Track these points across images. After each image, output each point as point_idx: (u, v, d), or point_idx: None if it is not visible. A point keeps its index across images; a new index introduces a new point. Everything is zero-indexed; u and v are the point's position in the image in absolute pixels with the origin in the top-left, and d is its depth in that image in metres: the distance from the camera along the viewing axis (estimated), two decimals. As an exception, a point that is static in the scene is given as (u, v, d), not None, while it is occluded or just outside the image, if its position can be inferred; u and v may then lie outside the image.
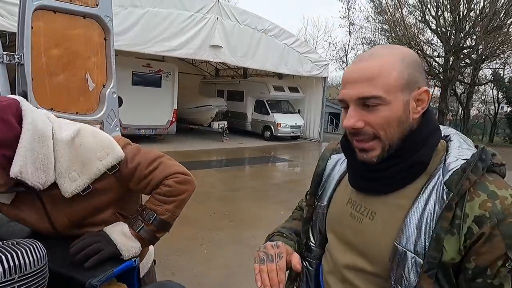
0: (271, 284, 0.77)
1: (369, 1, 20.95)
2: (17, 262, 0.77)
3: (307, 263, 0.92)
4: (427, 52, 19.97)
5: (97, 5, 2.76)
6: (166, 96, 11.54)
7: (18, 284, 0.77)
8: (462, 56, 18.71)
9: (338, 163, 0.90)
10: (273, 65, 12.61)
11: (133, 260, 1.06)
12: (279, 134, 13.90)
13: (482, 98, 27.38)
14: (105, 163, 1.03)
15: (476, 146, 0.71)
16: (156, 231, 1.11)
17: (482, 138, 25.65)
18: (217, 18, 10.62)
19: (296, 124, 14.21)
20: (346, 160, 0.85)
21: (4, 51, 2.33)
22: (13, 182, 0.95)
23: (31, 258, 0.80)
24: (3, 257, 0.75)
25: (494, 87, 24.63)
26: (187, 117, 14.19)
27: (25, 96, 2.38)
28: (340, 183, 0.87)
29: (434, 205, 0.65)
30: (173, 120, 11.85)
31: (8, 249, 0.79)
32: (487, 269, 0.62)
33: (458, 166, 0.66)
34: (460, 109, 25.61)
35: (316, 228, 0.91)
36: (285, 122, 14.07)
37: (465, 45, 18.57)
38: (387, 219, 0.72)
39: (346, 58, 27.13)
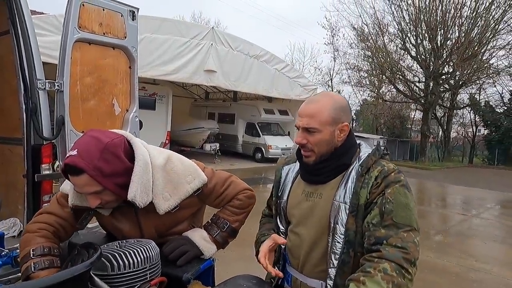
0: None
1: (352, 29, 22.02)
2: (148, 254, 0.97)
3: (283, 247, 1.28)
4: (409, 78, 20.97)
5: (125, 37, 3.02)
6: (160, 119, 11.71)
7: (149, 271, 0.97)
8: (441, 81, 19.73)
9: (289, 171, 1.32)
10: (265, 89, 13.03)
11: (211, 259, 1.26)
12: (270, 156, 14.16)
13: (461, 121, 28.61)
14: (193, 186, 1.24)
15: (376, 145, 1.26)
16: (228, 237, 1.33)
17: (462, 159, 26.63)
18: (212, 44, 11.04)
19: (286, 146, 14.54)
20: (295, 168, 1.29)
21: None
22: (120, 201, 1.15)
23: (154, 252, 1.00)
24: (139, 250, 0.96)
25: (472, 111, 25.88)
26: (179, 139, 14.33)
27: (62, 120, 2.57)
28: (294, 183, 1.27)
29: (354, 176, 1.12)
30: (167, 142, 11.99)
31: (138, 245, 1.00)
32: (374, 200, 1.07)
33: (366, 154, 1.16)
34: (441, 131, 26.67)
35: (283, 218, 1.28)
36: (275, 144, 14.39)
37: (443, 72, 19.64)
38: (329, 194, 1.14)
39: (332, 82, 28.11)
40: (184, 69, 10.45)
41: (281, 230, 1.29)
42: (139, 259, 0.94)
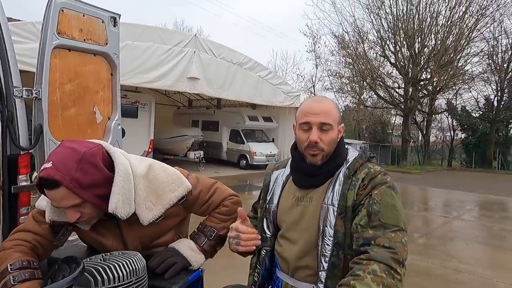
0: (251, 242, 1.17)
1: (333, 37, 22.42)
2: (134, 267, 0.92)
3: (263, 252, 1.26)
4: (389, 84, 21.45)
5: (107, 43, 2.95)
6: (142, 127, 11.54)
7: (135, 285, 0.92)
8: (419, 87, 20.26)
9: (279, 176, 1.31)
10: (249, 96, 13.05)
11: (200, 270, 1.22)
12: (255, 163, 14.14)
13: (439, 125, 29.43)
14: (177, 194, 1.19)
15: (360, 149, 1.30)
16: (216, 245, 1.29)
17: (441, 163, 27.31)
18: (194, 51, 10.98)
19: (271, 152, 14.56)
20: (285, 173, 1.29)
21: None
22: (102, 214, 1.09)
23: (140, 264, 0.96)
24: (124, 262, 0.91)
25: (449, 116, 26.68)
26: (163, 147, 14.14)
27: (41, 128, 2.47)
28: (284, 188, 1.27)
29: (341, 179, 1.14)
30: (150, 150, 11.80)
31: (123, 257, 0.95)
32: (361, 201, 1.09)
33: (353, 157, 1.19)
34: (420, 136, 27.34)
35: (271, 223, 1.27)
36: (260, 150, 14.39)
37: (421, 78, 20.18)
38: (319, 197, 1.15)
39: (314, 89, 28.44)
40: (167, 76, 10.35)
41: (267, 235, 1.27)
42: (124, 272, 0.89)
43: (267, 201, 1.28)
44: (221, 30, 54.02)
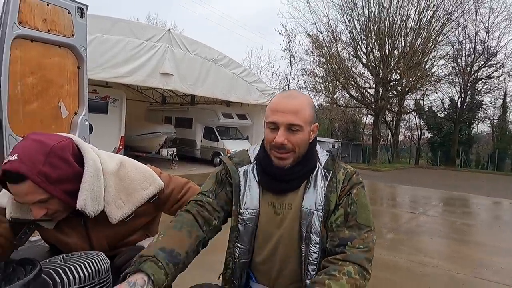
0: None
1: (308, 36, 22.70)
2: (96, 268, 0.89)
3: (241, 265, 1.11)
4: (360, 84, 22.01)
5: (73, 35, 2.83)
6: (113, 123, 11.19)
7: (98, 287, 0.88)
8: (389, 88, 20.94)
9: (247, 174, 1.14)
10: (223, 93, 12.97)
11: (168, 269, 1.19)
12: (228, 160, 14.08)
13: (407, 125, 30.59)
14: (148, 192, 1.16)
15: (328, 151, 1.23)
16: None
17: (409, 161, 28.40)
18: (168, 46, 10.77)
19: (245, 150, 14.55)
20: (252, 172, 1.13)
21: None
22: (68, 211, 1.05)
23: (104, 265, 0.92)
24: (86, 263, 0.87)
25: (417, 116, 27.77)
26: (134, 144, 13.79)
27: (0, 123, 2.33)
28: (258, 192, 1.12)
29: (321, 180, 1.09)
30: (120, 147, 11.47)
31: (85, 258, 0.91)
32: (340, 201, 1.07)
33: (327, 157, 1.15)
34: (390, 135, 28.29)
35: (251, 232, 1.10)
36: (234, 148, 14.29)
37: (391, 78, 20.86)
38: (298, 202, 1.08)
39: (288, 87, 28.66)
40: (139, 71, 10.09)
41: (246, 247, 1.11)
42: (86, 273, 0.86)
43: (242, 206, 1.10)
44: (196, 26, 53.34)
